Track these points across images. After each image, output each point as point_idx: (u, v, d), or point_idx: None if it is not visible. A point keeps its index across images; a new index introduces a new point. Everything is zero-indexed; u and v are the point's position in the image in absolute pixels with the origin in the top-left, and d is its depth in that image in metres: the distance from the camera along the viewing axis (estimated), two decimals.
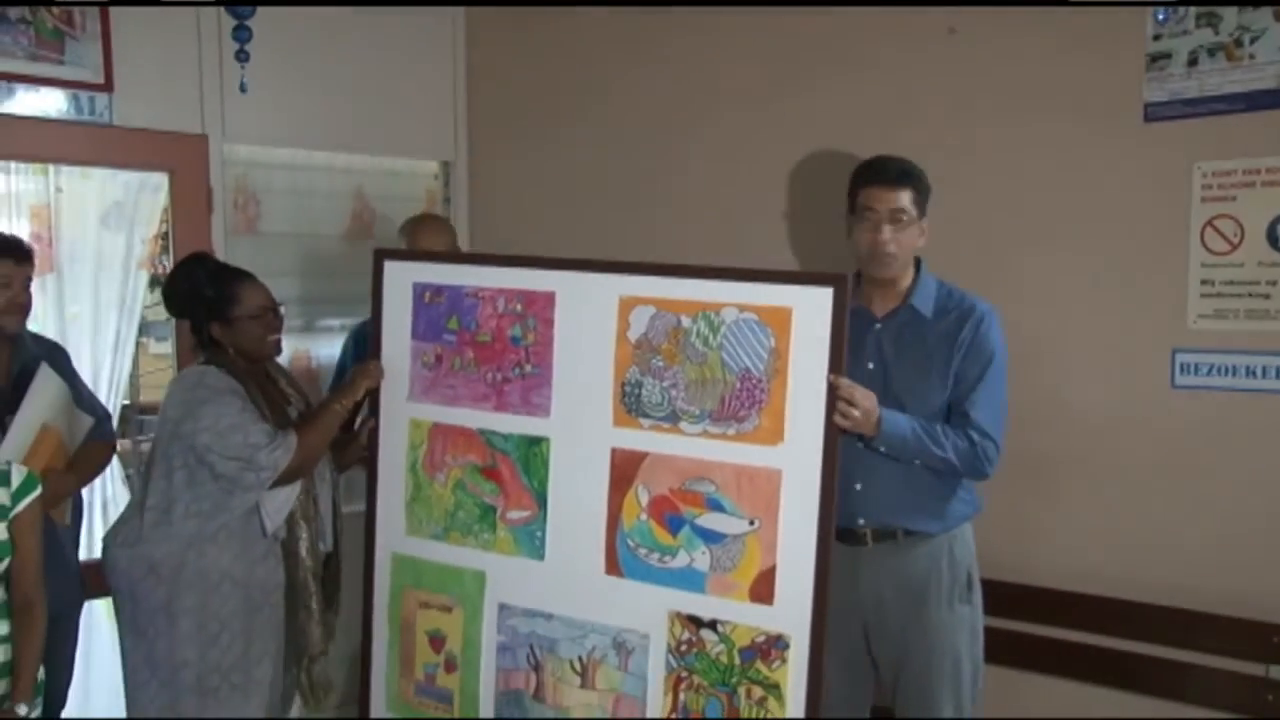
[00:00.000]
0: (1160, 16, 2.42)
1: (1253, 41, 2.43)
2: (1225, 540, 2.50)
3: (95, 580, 2.88)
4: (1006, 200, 2.70)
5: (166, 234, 3.18)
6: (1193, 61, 2.49)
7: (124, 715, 2.47)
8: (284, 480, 2.38)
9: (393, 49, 3.55)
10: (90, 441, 2.64)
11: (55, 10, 2.85)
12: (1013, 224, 2.62)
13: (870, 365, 2.33)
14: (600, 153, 3.43)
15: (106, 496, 3.26)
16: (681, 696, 2.28)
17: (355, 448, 2.63)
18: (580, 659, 2.38)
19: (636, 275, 2.32)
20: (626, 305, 2.32)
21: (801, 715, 2.17)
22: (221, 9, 3.01)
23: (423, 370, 2.53)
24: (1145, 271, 2.57)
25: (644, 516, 2.30)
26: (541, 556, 2.41)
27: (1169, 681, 2.54)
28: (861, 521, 2.35)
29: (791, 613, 2.17)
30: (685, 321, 2.26)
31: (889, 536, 2.34)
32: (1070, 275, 2.64)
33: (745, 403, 2.21)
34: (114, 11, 2.94)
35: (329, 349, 3.41)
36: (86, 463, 2.63)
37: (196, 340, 2.48)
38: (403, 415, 2.55)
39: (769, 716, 2.19)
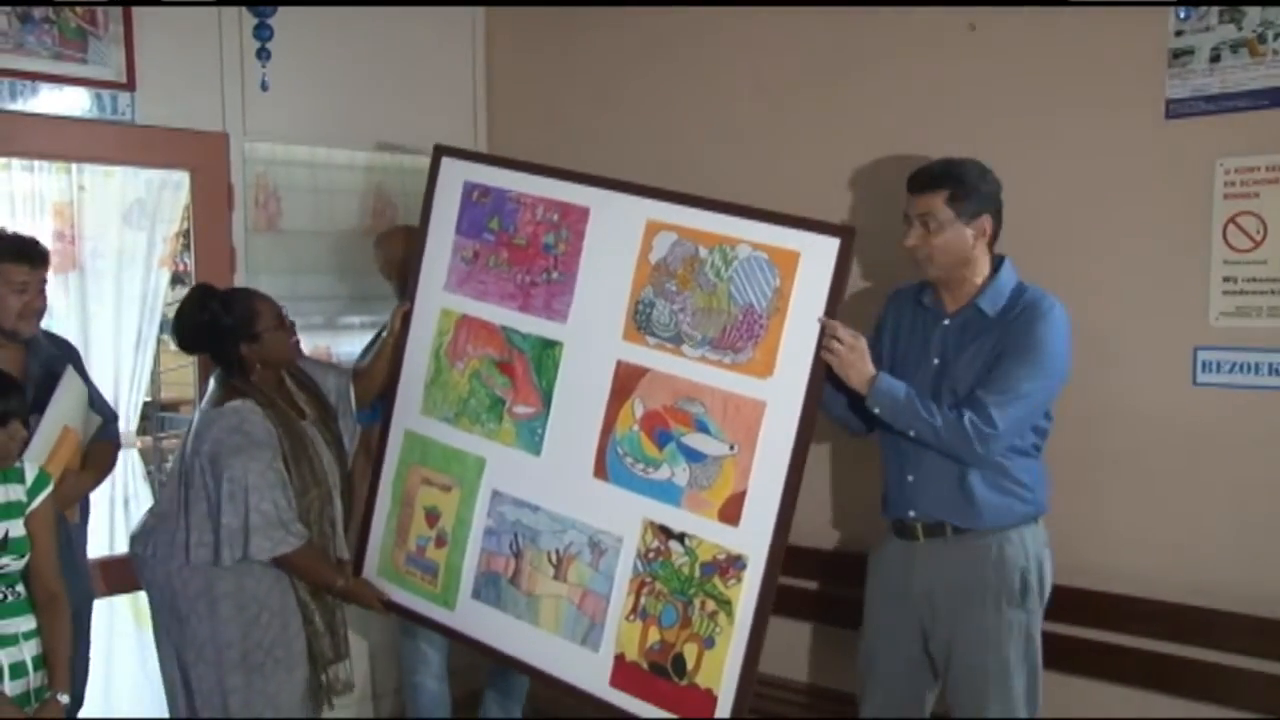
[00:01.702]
0: (1182, 14, 2.41)
1: (1276, 37, 2.42)
2: (1247, 539, 2.48)
3: (117, 576, 2.92)
4: (1026, 198, 2.67)
5: (188, 232, 3.19)
6: (1215, 58, 2.48)
7: (147, 714, 2.52)
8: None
9: (412, 47, 3.57)
10: (99, 442, 2.66)
11: (79, 10, 2.87)
12: (1033, 222, 2.61)
13: (935, 361, 2.37)
14: (619, 150, 3.43)
15: (128, 493, 3.28)
16: (642, 600, 2.41)
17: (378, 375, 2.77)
18: (557, 552, 2.52)
19: (665, 202, 2.46)
20: (652, 228, 2.46)
21: (747, 634, 2.29)
22: (243, 8, 3.01)
23: (460, 264, 2.71)
24: (1167, 268, 2.56)
25: (636, 428, 2.43)
26: (538, 452, 2.55)
27: (1189, 681, 2.53)
28: (912, 514, 2.37)
29: (754, 536, 2.29)
30: (702, 252, 2.40)
31: (938, 532, 2.35)
32: (1091, 272, 2.63)
33: (744, 335, 2.33)
34: (136, 11, 2.97)
35: (350, 346, 3.42)
36: (100, 463, 2.65)
37: (222, 366, 2.56)
38: (436, 303, 2.73)
39: (717, 630, 2.32)
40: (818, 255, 2.26)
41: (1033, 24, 2.69)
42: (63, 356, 2.60)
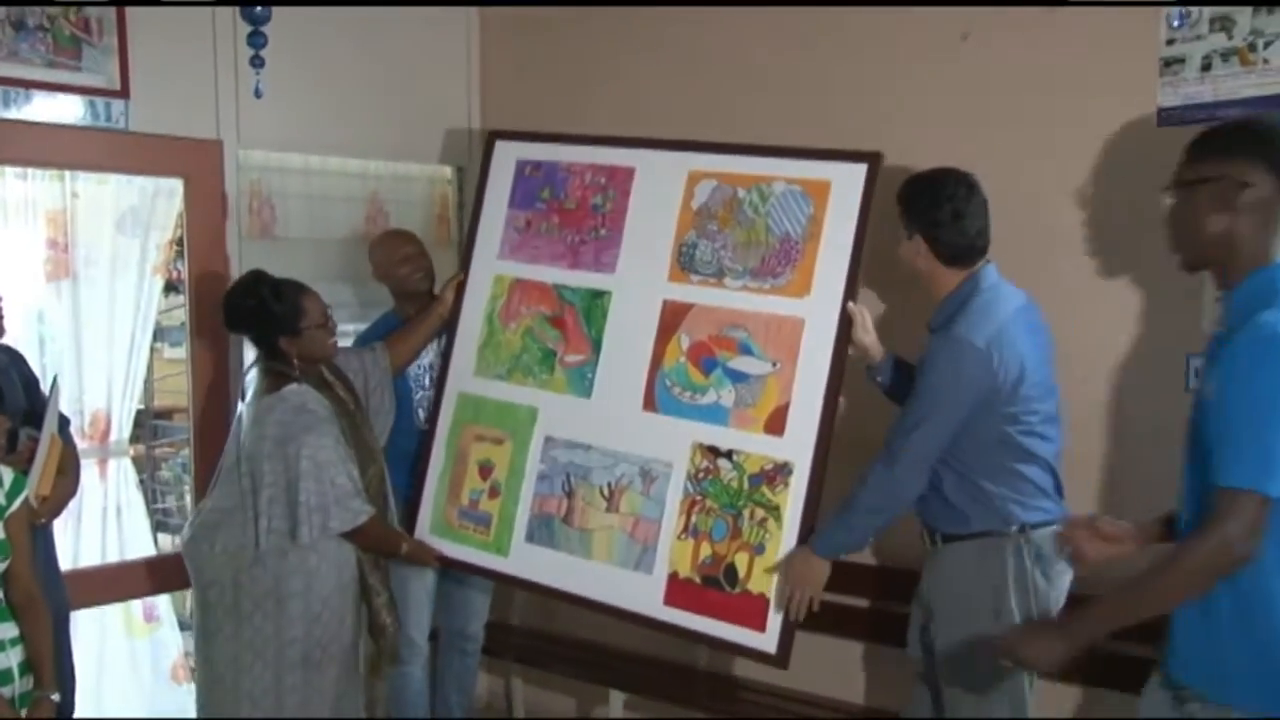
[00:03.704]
0: (1175, 23, 2.42)
1: (1267, 46, 2.43)
2: None
3: (107, 585, 2.89)
4: (1019, 205, 2.67)
5: (181, 239, 3.18)
6: (1206, 66, 2.49)
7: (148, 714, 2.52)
8: None
9: (406, 54, 3.56)
10: (66, 446, 2.61)
11: (73, 18, 2.86)
12: (1026, 229, 2.61)
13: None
14: None
15: (120, 502, 3.25)
16: (693, 519, 2.56)
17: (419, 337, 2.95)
18: (609, 485, 2.67)
19: (705, 153, 2.69)
20: (694, 178, 2.69)
21: (795, 536, 2.44)
22: (237, 16, 3.01)
23: (513, 233, 2.92)
24: (1158, 276, 2.55)
25: (683, 359, 2.61)
26: (589, 394, 2.72)
27: None
28: (921, 519, 2.40)
29: (798, 443, 2.46)
30: (740, 192, 2.62)
31: (933, 539, 2.37)
32: (1084, 280, 2.64)
33: (782, 261, 2.53)
34: (130, 18, 2.95)
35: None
36: (74, 466, 2.62)
37: (264, 354, 2.66)
38: (490, 271, 2.93)
39: (766, 536, 2.48)
40: (847, 181, 2.48)
41: (1025, 33, 2.69)
42: (10, 366, 2.56)
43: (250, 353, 3.10)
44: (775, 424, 2.49)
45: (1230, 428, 1.68)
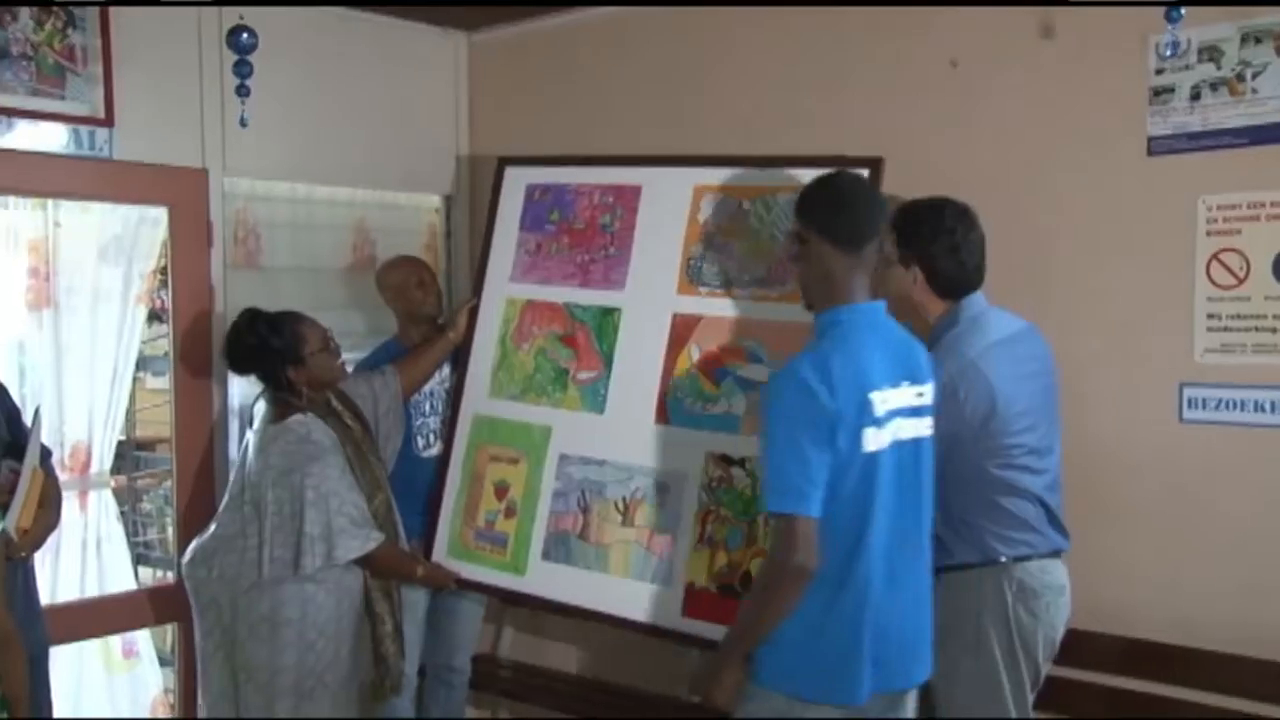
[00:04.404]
0: (1166, 52, 2.42)
1: (1255, 76, 2.43)
2: (1235, 577, 2.46)
3: (89, 620, 2.84)
4: (1009, 236, 2.64)
5: (165, 268, 3.15)
6: (1195, 96, 2.49)
7: None
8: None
9: (394, 83, 3.55)
10: (48, 477, 2.56)
11: (57, 46, 2.84)
12: (1016, 259, 2.60)
13: None
14: None
15: (100, 534, 3.21)
16: (708, 528, 2.56)
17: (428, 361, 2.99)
18: (624, 499, 2.67)
19: (710, 167, 2.73)
20: (699, 193, 2.73)
21: None
22: (223, 44, 3.00)
23: (524, 256, 2.97)
24: (1151, 305, 2.55)
25: (694, 370, 2.64)
26: (602, 410, 2.74)
27: None
28: None
29: None
30: (745, 204, 2.66)
31: (936, 567, 2.25)
32: (1075, 309, 2.62)
33: (789, 268, 2.49)
34: (116, 47, 2.94)
35: None
36: (55, 497, 2.57)
37: (272, 387, 2.68)
38: (502, 295, 2.97)
39: None
40: None
41: (1014, 61, 2.69)
42: None
43: (241, 382, 3.11)
44: None
45: (763, 458, 2.01)
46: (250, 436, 2.67)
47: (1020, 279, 2.63)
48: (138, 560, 3.69)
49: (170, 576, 3.25)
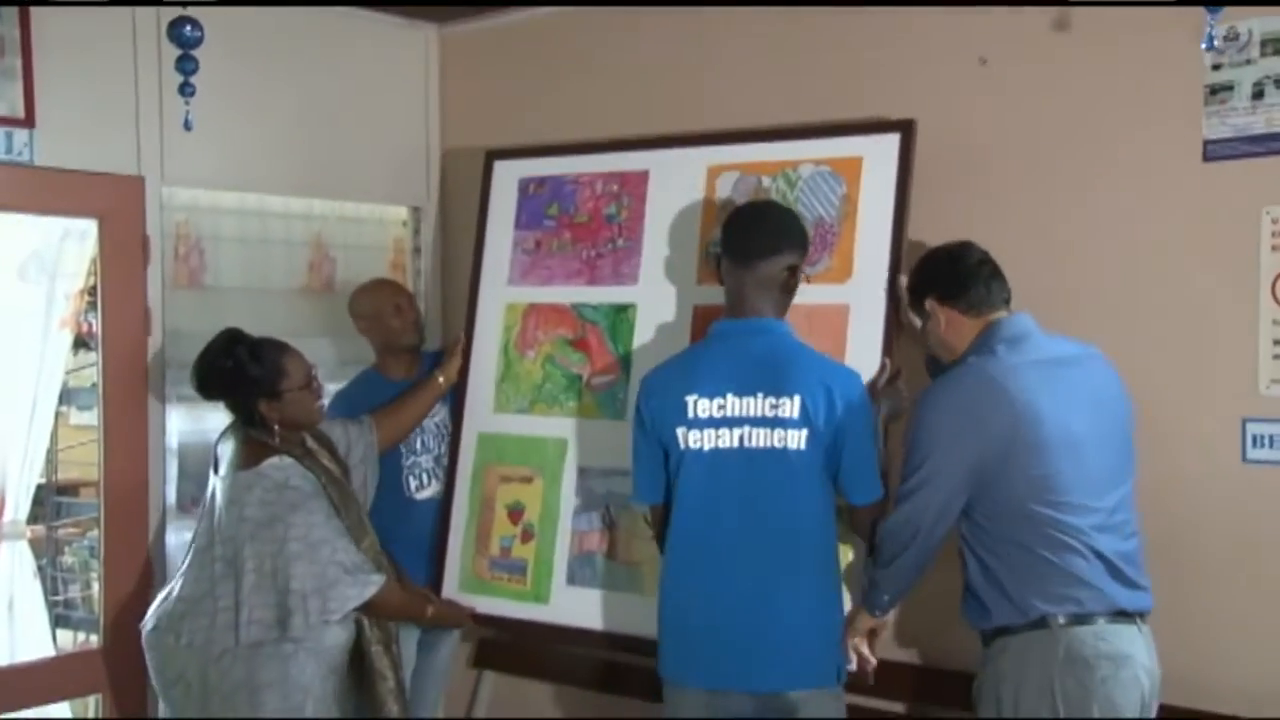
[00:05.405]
0: (1218, 45, 2.21)
1: None
2: None
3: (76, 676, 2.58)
4: (1048, 254, 2.48)
5: (95, 288, 2.94)
6: (1258, 94, 2.30)
7: None
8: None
9: (358, 83, 3.41)
10: None
11: None
12: (1062, 282, 2.43)
13: None
14: None
15: (13, 593, 2.95)
16: None
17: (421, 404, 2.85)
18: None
19: (724, 145, 2.63)
20: (714, 173, 2.63)
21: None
22: (162, 36, 2.75)
23: (522, 256, 2.86)
24: (1209, 331, 2.37)
25: None
26: (623, 416, 2.60)
27: None
28: None
29: None
30: (765, 181, 2.56)
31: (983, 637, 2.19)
32: (1122, 335, 2.41)
33: (819, 247, 2.45)
34: (37, 40, 2.73)
35: None
36: None
37: (241, 420, 2.51)
38: (500, 300, 2.87)
39: None
40: (880, 154, 2.42)
41: (1048, 56, 2.51)
42: None
43: (180, 419, 2.95)
44: None
45: None
46: (216, 481, 2.47)
47: (1060, 301, 2.43)
48: (56, 622, 3.41)
49: (95, 640, 3.02)
